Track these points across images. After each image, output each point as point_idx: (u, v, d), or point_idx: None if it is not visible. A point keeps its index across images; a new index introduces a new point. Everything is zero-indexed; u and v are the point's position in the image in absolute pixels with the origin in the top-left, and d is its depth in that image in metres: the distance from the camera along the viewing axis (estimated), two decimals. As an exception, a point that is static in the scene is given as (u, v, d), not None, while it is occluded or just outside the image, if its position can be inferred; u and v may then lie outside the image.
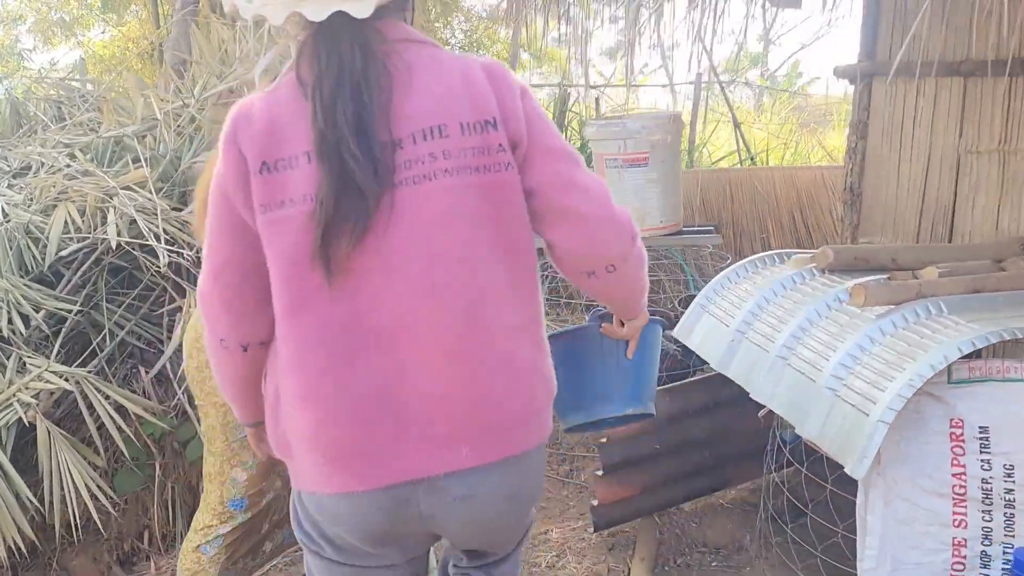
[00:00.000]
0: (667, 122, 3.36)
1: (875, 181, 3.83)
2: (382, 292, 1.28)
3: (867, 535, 1.93)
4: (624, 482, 2.70)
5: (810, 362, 2.12)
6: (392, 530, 1.37)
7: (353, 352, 1.28)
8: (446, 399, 1.30)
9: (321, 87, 1.23)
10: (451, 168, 1.26)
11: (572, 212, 1.34)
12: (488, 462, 1.34)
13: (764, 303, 2.45)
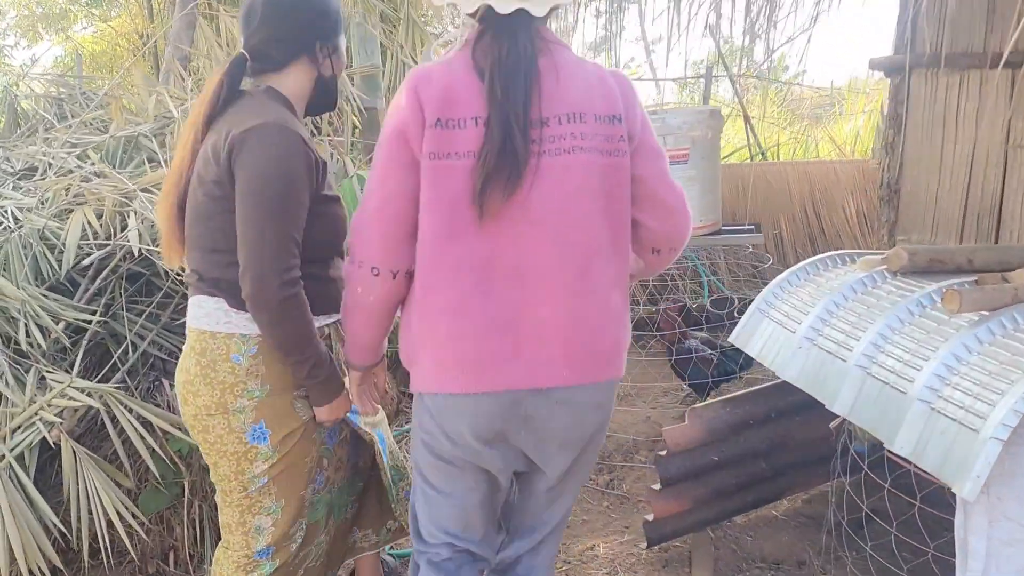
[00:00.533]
0: (707, 117, 3.23)
1: (914, 177, 3.72)
2: (520, 237, 1.57)
3: (969, 558, 1.81)
4: (680, 496, 2.58)
5: (897, 372, 1.99)
6: (502, 428, 1.65)
7: (491, 281, 1.58)
8: (557, 328, 1.60)
9: (501, 70, 1.52)
10: (585, 147, 1.56)
11: (666, 203, 1.69)
12: (581, 383, 1.64)
13: (834, 308, 2.32)
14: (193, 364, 1.86)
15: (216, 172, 1.74)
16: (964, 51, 3.45)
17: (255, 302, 1.72)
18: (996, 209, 3.40)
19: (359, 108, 3.98)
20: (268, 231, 1.70)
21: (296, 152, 1.73)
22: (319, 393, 1.86)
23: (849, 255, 2.61)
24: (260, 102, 1.82)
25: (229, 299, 1.81)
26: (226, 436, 1.87)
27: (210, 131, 1.81)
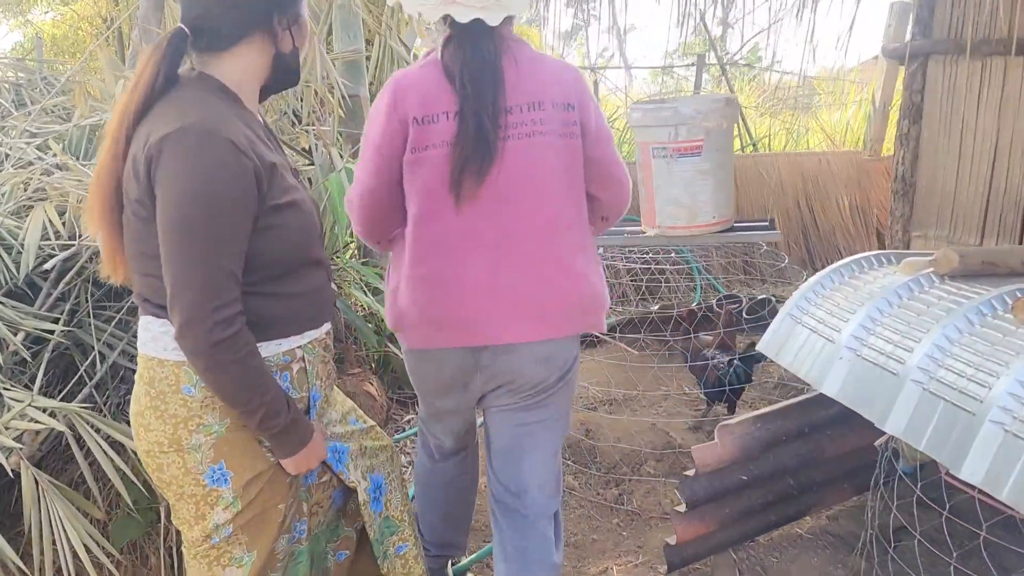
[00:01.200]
0: (723, 106, 3.01)
1: (931, 170, 3.55)
2: (492, 214, 1.79)
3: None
4: (705, 518, 2.37)
5: (960, 389, 1.79)
6: (470, 378, 1.94)
7: (466, 253, 1.81)
8: (530, 291, 1.84)
9: (467, 70, 1.73)
10: (545, 131, 1.79)
11: (616, 178, 1.96)
12: (552, 337, 1.90)
13: (878, 315, 2.12)
14: (143, 394, 1.59)
15: (137, 190, 1.46)
16: (986, 37, 3.27)
17: (184, 348, 1.47)
18: (1021, 204, 3.23)
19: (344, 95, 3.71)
20: (192, 266, 1.42)
21: (223, 163, 1.42)
22: (277, 445, 1.60)
23: (885, 256, 2.42)
24: (186, 96, 1.50)
25: None
26: (182, 477, 1.60)
27: (139, 129, 1.49)
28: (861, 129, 7.40)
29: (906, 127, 3.59)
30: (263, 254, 1.53)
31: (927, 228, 3.57)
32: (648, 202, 3.15)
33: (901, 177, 3.63)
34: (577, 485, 3.16)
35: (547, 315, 1.87)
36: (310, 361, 1.69)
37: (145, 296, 1.58)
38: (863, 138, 7.35)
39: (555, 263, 1.84)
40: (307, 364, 1.68)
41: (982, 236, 3.36)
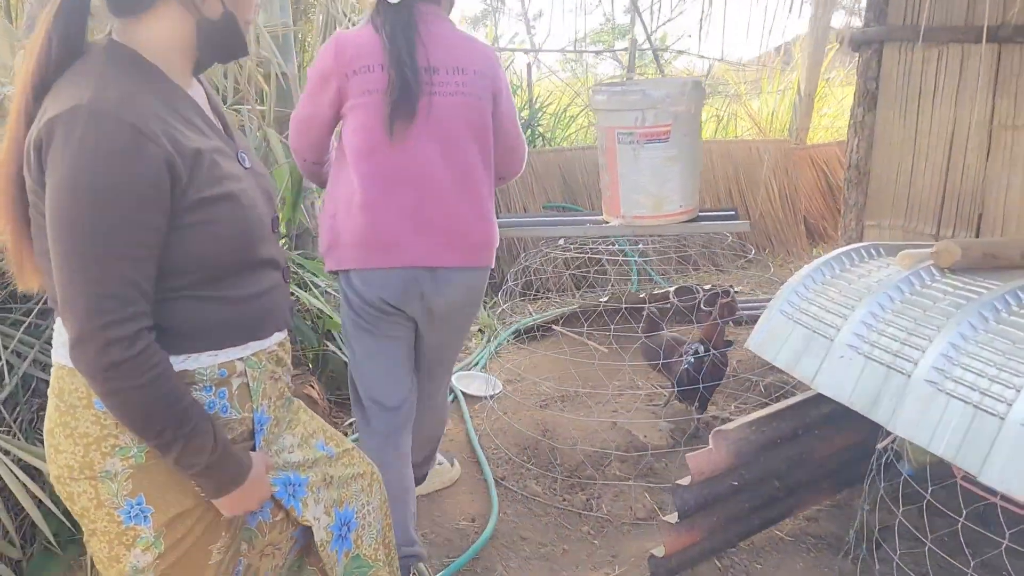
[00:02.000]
0: (691, 89, 2.87)
1: (886, 158, 3.51)
2: (419, 154, 2.12)
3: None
4: (694, 527, 2.24)
5: (983, 391, 1.69)
6: (403, 298, 2.20)
7: (397, 184, 2.13)
8: (444, 224, 2.16)
9: (386, 30, 2.08)
10: (465, 92, 2.13)
11: (514, 142, 2.32)
12: (461, 265, 2.22)
13: (880, 311, 2.02)
14: (53, 409, 1.33)
15: (30, 180, 1.21)
16: (943, 24, 3.23)
17: (77, 368, 1.22)
18: (979, 194, 3.22)
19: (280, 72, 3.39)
20: (79, 274, 1.17)
21: (119, 150, 1.16)
22: (205, 484, 1.34)
23: (874, 247, 2.33)
24: (86, 69, 1.23)
25: None
26: (94, 510, 1.33)
27: (38, 109, 1.22)
28: (787, 117, 7.47)
29: (860, 115, 3.54)
30: (191, 255, 1.27)
31: (881, 218, 3.54)
32: (612, 190, 2.99)
33: (855, 165, 3.58)
34: (541, 491, 2.98)
35: (464, 246, 2.21)
36: (254, 377, 1.42)
37: (54, 297, 1.31)
38: (789, 126, 7.42)
39: (469, 204, 2.19)
40: (250, 380, 1.42)
41: (938, 226, 3.34)
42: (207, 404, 1.37)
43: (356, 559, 1.66)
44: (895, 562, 2.12)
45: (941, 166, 3.32)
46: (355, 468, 1.68)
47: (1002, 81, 3.11)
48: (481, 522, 2.80)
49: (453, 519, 2.81)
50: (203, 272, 1.31)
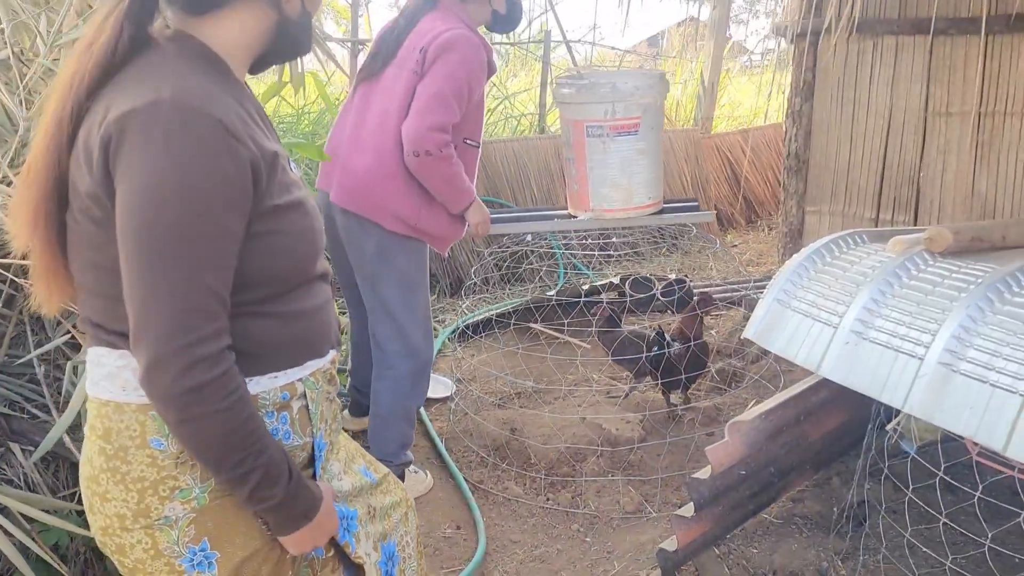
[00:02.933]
0: (658, 82, 2.87)
1: (824, 146, 3.65)
2: (368, 105, 2.64)
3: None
4: (703, 518, 2.25)
5: (1001, 370, 1.77)
6: (326, 219, 2.64)
7: (344, 122, 2.72)
8: (351, 165, 2.62)
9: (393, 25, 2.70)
10: (410, 68, 2.56)
11: (415, 111, 2.56)
12: (346, 208, 2.63)
13: (881, 296, 2.07)
14: (96, 453, 1.19)
15: (90, 182, 1.07)
16: (877, 16, 3.38)
17: (150, 395, 1.08)
18: (915, 178, 3.38)
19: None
20: (165, 287, 1.05)
21: (210, 149, 1.06)
22: (276, 520, 1.23)
23: (859, 235, 2.39)
24: (160, 62, 1.13)
25: None
26: (150, 562, 1.20)
27: (92, 107, 1.10)
28: (691, 107, 7.67)
29: (798, 105, 3.66)
30: (259, 268, 1.16)
31: (821, 203, 3.67)
32: (580, 184, 2.96)
33: (794, 154, 3.70)
34: (522, 492, 2.94)
35: (349, 185, 2.61)
36: (313, 399, 1.31)
37: (96, 321, 1.18)
38: (694, 116, 7.63)
39: (375, 152, 2.55)
40: (309, 402, 1.31)
41: (878, 210, 3.50)
42: (270, 431, 1.25)
43: None
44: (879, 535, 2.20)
45: (878, 153, 3.47)
46: (393, 496, 1.58)
47: (935, 70, 3.28)
48: (467, 529, 2.73)
49: (438, 527, 2.73)
50: (269, 286, 1.20)
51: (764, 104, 8.06)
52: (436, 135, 2.47)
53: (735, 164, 7.22)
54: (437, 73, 2.49)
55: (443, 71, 2.49)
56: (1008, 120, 3.12)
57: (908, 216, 3.40)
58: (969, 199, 3.25)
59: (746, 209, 7.24)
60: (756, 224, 7.21)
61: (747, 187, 7.25)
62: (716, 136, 7.26)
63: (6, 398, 2.11)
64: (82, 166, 1.08)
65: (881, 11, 3.37)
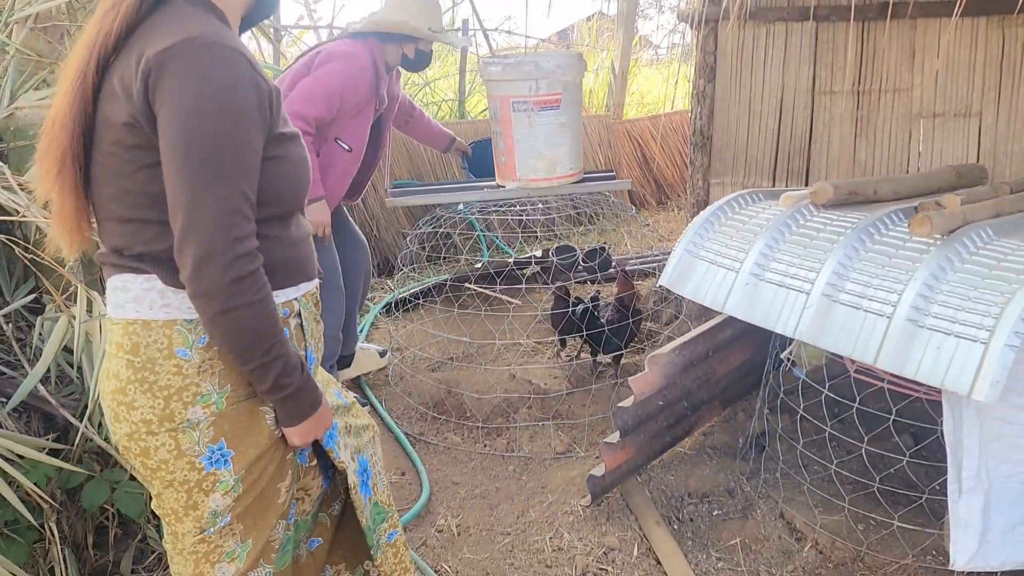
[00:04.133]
0: (576, 61, 3.15)
1: (725, 124, 3.99)
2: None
3: (964, 457, 1.98)
4: (627, 446, 2.53)
5: (870, 297, 2.10)
6: None
7: None
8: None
9: None
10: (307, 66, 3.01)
11: None
12: None
13: (774, 243, 2.39)
14: (123, 367, 1.37)
15: (128, 111, 1.26)
16: (769, 4, 3.73)
17: (196, 289, 1.27)
18: (805, 150, 3.76)
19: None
20: (210, 190, 1.24)
21: (240, 77, 1.27)
22: (289, 410, 1.44)
23: (753, 194, 2.71)
24: (182, 12, 1.31)
25: (164, 275, 1.34)
26: (173, 461, 1.39)
27: (118, 57, 1.30)
28: (602, 94, 8.01)
29: (701, 86, 3.99)
30: (269, 189, 1.37)
31: (724, 176, 4.02)
32: (507, 155, 3.21)
33: (699, 131, 4.03)
34: (460, 440, 3.18)
35: None
36: (306, 317, 1.53)
37: (119, 248, 1.36)
38: (605, 102, 7.98)
39: None
40: (304, 320, 1.53)
41: (773, 180, 3.86)
42: None
43: (376, 505, 1.76)
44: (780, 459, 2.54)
45: (773, 128, 3.84)
46: (362, 420, 1.79)
47: (820, 54, 3.66)
48: (411, 475, 2.95)
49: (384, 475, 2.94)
50: (275, 208, 1.40)
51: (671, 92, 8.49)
52: (294, 120, 2.76)
53: (645, 148, 7.61)
54: (316, 74, 2.92)
55: (320, 73, 2.91)
56: (882, 96, 3.52)
57: (800, 184, 3.77)
58: (851, 168, 3.64)
59: (656, 191, 7.63)
60: (666, 205, 7.61)
61: (657, 170, 7.65)
62: (627, 122, 7.63)
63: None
64: (119, 99, 1.26)
65: (773, 0, 3.72)
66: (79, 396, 2.25)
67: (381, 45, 3.05)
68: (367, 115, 3.06)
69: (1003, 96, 3.25)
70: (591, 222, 6.26)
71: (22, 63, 2.43)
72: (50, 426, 2.23)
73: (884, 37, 3.47)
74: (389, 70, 3.14)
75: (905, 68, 3.45)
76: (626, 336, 3.31)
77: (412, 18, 2.99)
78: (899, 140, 3.53)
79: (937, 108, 3.40)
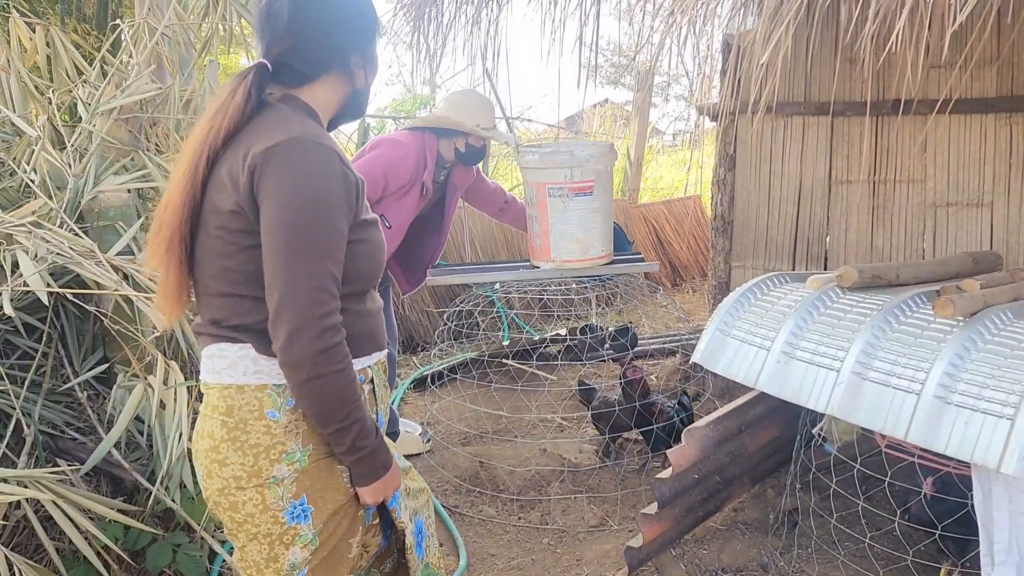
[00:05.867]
0: (608, 151, 3.36)
1: (745, 209, 4.18)
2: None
3: (995, 530, 2.07)
4: (663, 518, 2.62)
5: (900, 376, 2.22)
6: None
7: None
8: None
9: None
10: None
11: None
12: None
13: (803, 323, 2.53)
14: (217, 427, 1.51)
15: (234, 199, 1.43)
16: (786, 100, 3.97)
17: (287, 359, 1.41)
18: (824, 236, 3.94)
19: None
20: (303, 271, 1.39)
21: (332, 172, 1.44)
22: (363, 470, 1.56)
23: (780, 277, 2.86)
24: (283, 114, 1.50)
25: (258, 344, 1.49)
26: (259, 515, 1.51)
27: (226, 153, 1.48)
28: (618, 179, 8.28)
29: (722, 174, 4.20)
30: (350, 268, 1.52)
31: (745, 259, 4.19)
32: (542, 238, 3.39)
33: (721, 216, 4.22)
34: (495, 513, 3.25)
35: None
36: (377, 383, 1.68)
37: (217, 320, 1.52)
38: (621, 187, 8.24)
39: None
40: (376, 387, 1.67)
41: (793, 264, 4.02)
42: None
43: (427, 567, 1.86)
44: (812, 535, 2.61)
45: (792, 215, 4.02)
46: (419, 483, 1.91)
47: (836, 146, 3.87)
48: (448, 546, 3.02)
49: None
50: (355, 285, 1.55)
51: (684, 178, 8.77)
52: None
53: (660, 231, 7.83)
54: (365, 158, 3.26)
55: (367, 158, 3.25)
56: (897, 186, 3.71)
57: (819, 268, 3.93)
58: (869, 253, 3.81)
59: (671, 273, 7.82)
60: (681, 287, 7.78)
61: (671, 252, 7.85)
62: (642, 206, 7.87)
63: (50, 421, 2.35)
64: (226, 189, 1.43)
65: (790, 95, 3.95)
66: (146, 462, 2.37)
67: (436, 139, 3.32)
68: (412, 198, 3.27)
69: (1012, 187, 3.43)
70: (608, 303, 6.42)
71: (105, 151, 2.64)
72: (117, 490, 2.34)
73: (897, 131, 3.68)
74: (444, 162, 3.40)
75: (918, 160, 3.66)
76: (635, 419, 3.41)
77: (458, 115, 3.24)
78: (914, 227, 3.71)
79: (950, 198, 3.59)
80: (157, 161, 2.71)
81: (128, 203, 2.52)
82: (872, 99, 3.64)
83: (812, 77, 3.90)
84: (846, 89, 3.79)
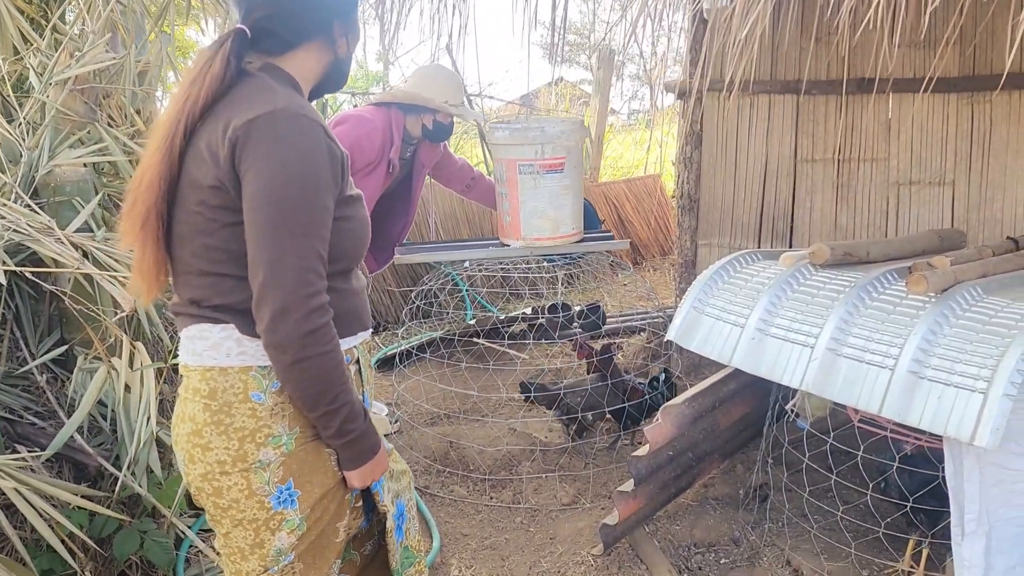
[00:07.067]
0: (579, 127, 3.33)
1: (712, 188, 4.19)
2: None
3: (966, 501, 2.11)
4: (639, 495, 2.62)
5: (874, 351, 2.24)
6: None
7: None
8: None
9: None
10: None
11: None
12: None
13: (777, 300, 2.54)
14: (200, 410, 1.45)
15: (214, 174, 1.36)
16: (754, 79, 3.97)
17: (272, 340, 1.36)
18: (789, 214, 3.97)
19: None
20: (288, 249, 1.33)
21: (318, 145, 1.38)
22: (351, 454, 1.52)
23: (753, 254, 2.87)
24: (265, 85, 1.43)
25: (240, 324, 1.43)
26: (244, 500, 1.46)
27: (205, 123, 1.40)
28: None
29: (689, 152, 4.20)
30: (335, 246, 1.47)
31: (711, 237, 4.21)
32: (512, 215, 3.35)
33: (687, 195, 4.23)
34: (466, 492, 3.23)
35: None
36: (362, 363, 1.63)
37: (198, 299, 1.45)
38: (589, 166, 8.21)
39: None
40: (361, 367, 1.62)
41: (759, 242, 4.05)
42: None
43: (406, 550, 1.83)
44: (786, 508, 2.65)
45: (757, 193, 4.05)
46: (400, 465, 1.87)
47: (802, 124, 3.89)
48: (421, 527, 2.98)
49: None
50: (340, 263, 1.50)
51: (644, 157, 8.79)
52: None
53: (620, 210, 7.83)
54: None
55: (333, 132, 3.21)
56: (861, 165, 3.75)
57: (784, 245, 3.96)
58: (833, 231, 3.85)
59: (632, 252, 7.84)
60: (641, 265, 7.81)
61: (632, 232, 7.86)
62: (603, 184, 7.87)
63: (7, 405, 2.25)
64: (206, 163, 1.36)
65: (756, 74, 3.95)
66: (110, 447, 2.29)
67: (402, 115, 3.24)
68: (378, 176, 3.19)
69: (973, 166, 3.49)
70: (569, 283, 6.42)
71: (60, 123, 2.52)
72: (81, 476, 2.26)
73: (862, 110, 3.71)
74: (411, 139, 3.32)
75: (882, 139, 3.69)
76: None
77: (426, 91, 3.16)
78: (878, 205, 3.76)
79: (913, 177, 3.64)
80: (114, 134, 2.60)
81: (85, 178, 2.42)
82: (839, 77, 3.66)
83: (779, 56, 3.91)
84: (813, 68, 3.81)
